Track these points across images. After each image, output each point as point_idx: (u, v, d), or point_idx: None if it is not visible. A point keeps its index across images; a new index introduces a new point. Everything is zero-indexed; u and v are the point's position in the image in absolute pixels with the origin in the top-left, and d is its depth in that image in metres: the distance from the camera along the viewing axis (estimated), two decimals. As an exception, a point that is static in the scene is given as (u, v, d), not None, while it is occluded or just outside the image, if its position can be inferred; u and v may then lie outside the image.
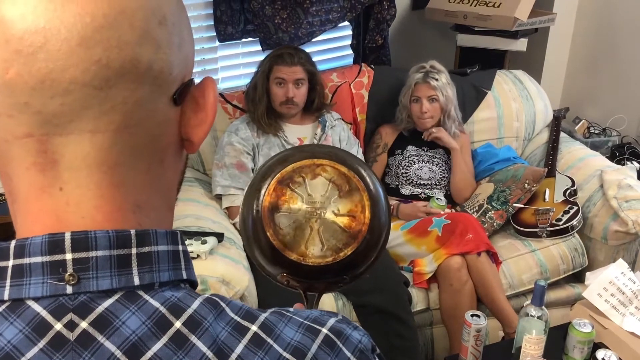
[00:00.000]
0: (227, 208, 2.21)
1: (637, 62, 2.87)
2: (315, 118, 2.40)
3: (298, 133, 2.35)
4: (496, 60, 2.89)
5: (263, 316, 0.47)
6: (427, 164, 2.48)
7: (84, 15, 0.40)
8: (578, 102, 3.17)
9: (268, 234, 0.81)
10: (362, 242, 0.82)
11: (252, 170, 2.26)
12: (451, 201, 2.51)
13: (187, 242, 1.82)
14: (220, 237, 1.90)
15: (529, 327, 1.58)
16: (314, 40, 2.72)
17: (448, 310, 2.12)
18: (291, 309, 0.50)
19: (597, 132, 2.99)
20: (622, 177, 2.29)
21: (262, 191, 0.82)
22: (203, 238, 1.84)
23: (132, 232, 0.44)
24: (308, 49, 2.48)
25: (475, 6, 2.71)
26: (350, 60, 2.93)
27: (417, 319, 2.11)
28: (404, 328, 2.01)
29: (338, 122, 2.44)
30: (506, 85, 2.77)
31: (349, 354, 0.47)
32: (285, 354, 0.45)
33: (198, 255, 1.80)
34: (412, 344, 2.04)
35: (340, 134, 2.41)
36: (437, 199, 2.38)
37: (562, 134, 2.72)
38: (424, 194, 2.46)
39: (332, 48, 2.96)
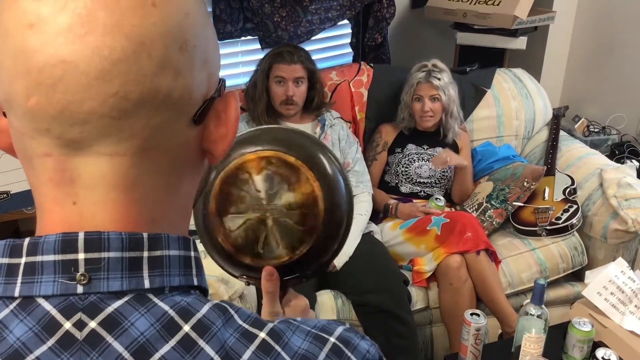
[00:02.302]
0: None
1: (636, 60, 2.86)
2: (314, 117, 2.39)
3: (297, 132, 2.34)
4: (496, 59, 2.89)
5: (271, 324, 0.47)
6: (427, 162, 2.48)
7: (102, 49, 0.40)
8: (577, 100, 3.17)
9: (219, 239, 0.76)
10: (319, 236, 0.75)
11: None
12: (450, 200, 2.51)
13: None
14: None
15: (529, 325, 1.57)
16: (313, 38, 2.71)
17: (447, 309, 2.12)
18: (298, 318, 0.50)
19: (596, 130, 2.99)
20: (621, 176, 2.29)
21: (209, 196, 0.75)
22: (202, 237, 1.84)
23: (145, 235, 0.44)
24: (307, 47, 2.47)
25: (474, 4, 2.71)
26: (349, 59, 2.92)
27: (416, 318, 2.10)
28: (404, 327, 2.01)
29: (337, 120, 2.44)
30: (506, 84, 2.76)
31: None
32: None
33: (197, 254, 1.79)
34: (412, 343, 2.03)
35: (339, 132, 2.40)
36: (437, 199, 2.38)
37: (562, 133, 2.72)
38: (424, 192, 2.46)
39: (331, 46, 2.96)
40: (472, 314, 1.65)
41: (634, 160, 2.73)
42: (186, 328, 0.43)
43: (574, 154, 2.56)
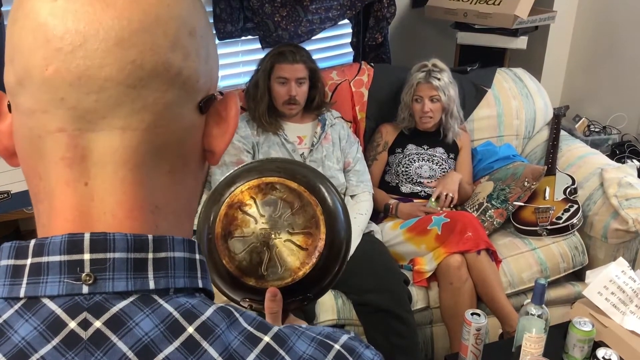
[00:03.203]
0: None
1: (637, 60, 2.86)
2: (315, 116, 2.39)
3: (298, 132, 2.34)
4: (496, 58, 2.89)
5: (276, 328, 0.47)
6: (428, 162, 2.48)
7: (121, 19, 0.43)
8: (578, 100, 3.17)
9: (224, 261, 0.78)
10: (320, 258, 0.79)
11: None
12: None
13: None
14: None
15: (529, 325, 1.57)
16: (313, 38, 2.71)
17: (448, 309, 2.11)
18: (303, 325, 0.50)
19: (597, 130, 2.98)
20: (622, 176, 2.28)
21: (213, 218, 0.78)
22: (202, 236, 1.84)
23: (150, 237, 0.45)
24: (308, 46, 2.47)
25: (475, 4, 2.71)
26: (350, 58, 2.92)
27: (417, 318, 2.10)
28: (404, 327, 2.01)
29: (338, 120, 2.44)
30: (506, 83, 2.76)
31: None
32: None
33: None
34: (412, 343, 2.03)
35: (340, 132, 2.40)
36: (437, 198, 2.38)
37: (562, 132, 2.72)
38: (424, 192, 2.46)
39: (331, 46, 2.96)
40: (472, 314, 1.65)
41: (634, 160, 2.72)
42: (190, 330, 0.43)
43: (575, 154, 2.56)
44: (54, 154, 0.45)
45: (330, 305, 2.04)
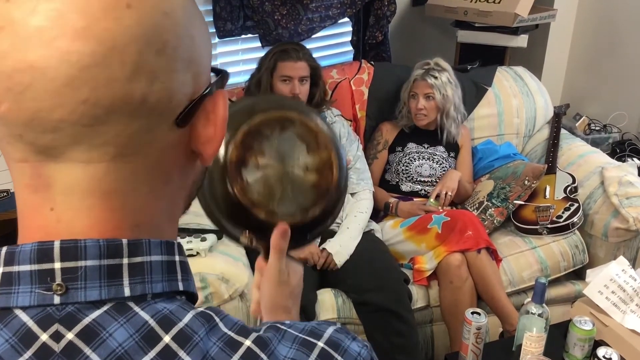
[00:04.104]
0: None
1: (638, 58, 2.86)
2: (315, 115, 2.38)
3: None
4: (496, 57, 2.88)
5: (256, 333, 0.45)
6: (428, 161, 2.47)
7: (70, 54, 0.39)
8: (579, 98, 3.16)
9: (235, 189, 0.74)
10: (330, 200, 0.77)
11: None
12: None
13: (187, 239, 1.81)
14: (219, 234, 1.90)
15: (530, 324, 1.57)
16: (313, 36, 2.71)
17: (448, 308, 2.11)
18: (287, 322, 0.49)
19: (597, 128, 2.98)
20: (622, 174, 2.28)
21: (228, 143, 0.74)
22: (202, 235, 1.83)
23: (124, 241, 0.43)
24: (308, 45, 2.47)
25: (475, 2, 2.70)
26: (350, 57, 2.92)
27: (417, 317, 2.10)
28: (404, 326, 2.00)
29: (338, 118, 2.44)
30: (506, 82, 2.76)
31: None
32: None
33: (197, 253, 1.79)
34: (412, 342, 2.03)
35: (340, 130, 2.40)
36: (437, 197, 2.38)
37: (563, 131, 2.72)
38: (424, 190, 2.45)
39: (332, 44, 2.95)
40: (472, 313, 1.65)
41: (635, 159, 2.72)
42: (166, 339, 0.42)
43: (575, 152, 2.55)
44: (19, 180, 0.44)
45: (330, 304, 2.03)
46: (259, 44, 2.62)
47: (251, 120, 0.75)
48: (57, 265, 0.41)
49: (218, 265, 1.80)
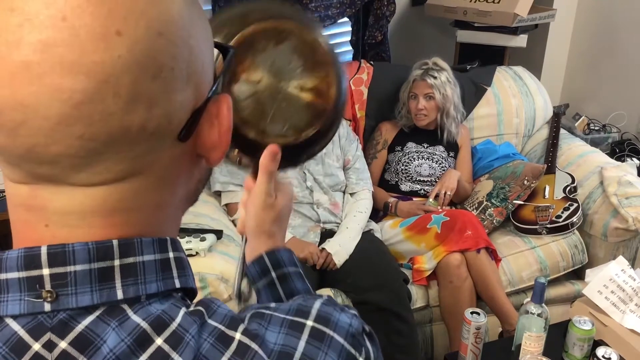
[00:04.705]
0: (226, 205, 2.20)
1: (637, 58, 2.86)
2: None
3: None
4: (496, 57, 2.88)
5: (243, 325, 0.44)
6: (427, 160, 2.47)
7: (61, 92, 0.37)
8: (578, 98, 3.17)
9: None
10: (325, 122, 0.72)
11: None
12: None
13: (186, 239, 1.81)
14: (219, 234, 1.90)
15: (529, 324, 1.57)
16: (313, 36, 2.70)
17: (448, 308, 2.11)
18: (273, 305, 0.47)
19: (597, 128, 2.98)
20: (622, 174, 2.28)
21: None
22: (202, 235, 1.83)
23: (115, 242, 0.42)
24: (307, 45, 2.47)
25: (475, 2, 2.70)
26: (349, 57, 2.92)
27: (416, 316, 2.10)
28: (404, 325, 2.00)
29: (337, 118, 2.43)
30: (506, 82, 2.76)
31: (342, 341, 0.45)
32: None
33: (197, 253, 1.79)
34: (412, 342, 2.03)
35: (339, 130, 2.39)
36: (436, 196, 2.38)
37: (562, 131, 2.72)
38: (424, 190, 2.45)
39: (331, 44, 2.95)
40: (472, 313, 1.65)
41: (634, 159, 2.72)
42: (159, 341, 0.41)
43: (575, 152, 2.55)
44: (14, 199, 0.43)
45: (329, 304, 2.03)
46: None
47: (244, 30, 0.68)
48: (46, 271, 0.40)
49: (217, 265, 1.79)
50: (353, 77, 2.62)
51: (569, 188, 2.36)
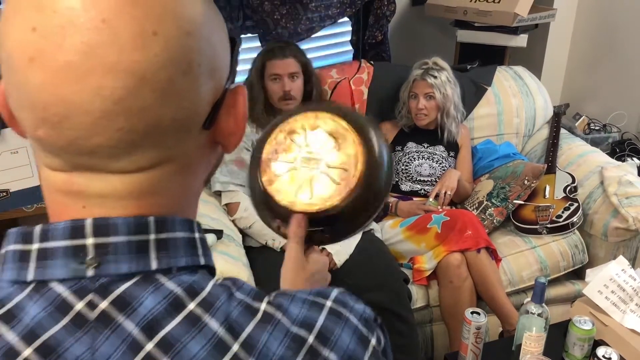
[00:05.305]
0: (226, 204, 2.20)
1: (637, 58, 2.86)
2: (314, 114, 2.38)
3: (297, 129, 2.34)
4: (496, 56, 2.88)
5: (271, 296, 0.49)
6: (428, 160, 2.47)
7: (103, 89, 0.40)
8: (578, 98, 3.16)
9: (263, 179, 0.83)
10: (350, 195, 0.80)
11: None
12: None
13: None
14: (219, 234, 1.90)
15: (529, 324, 1.57)
16: (313, 36, 2.70)
17: (448, 308, 2.11)
18: (292, 290, 0.52)
19: (597, 128, 2.98)
20: (622, 174, 2.28)
21: (264, 140, 0.84)
22: (202, 235, 1.83)
23: (151, 219, 0.46)
24: (307, 45, 2.47)
25: (475, 2, 2.70)
26: (349, 57, 2.92)
27: (416, 316, 2.10)
28: (404, 325, 2.00)
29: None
30: (506, 82, 2.76)
31: (356, 322, 0.49)
32: (293, 327, 0.46)
33: (197, 253, 1.79)
34: (412, 341, 2.03)
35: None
36: (436, 196, 2.38)
37: (562, 131, 2.72)
38: (424, 190, 2.45)
39: (331, 44, 2.95)
40: (472, 313, 1.65)
41: (634, 158, 2.72)
42: (191, 306, 0.44)
43: (575, 152, 2.55)
44: (50, 184, 0.47)
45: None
46: (258, 44, 2.62)
47: (288, 119, 0.83)
48: (90, 241, 0.44)
49: (218, 264, 1.78)
50: (353, 77, 2.62)
51: (569, 188, 2.36)
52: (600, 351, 1.53)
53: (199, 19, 0.44)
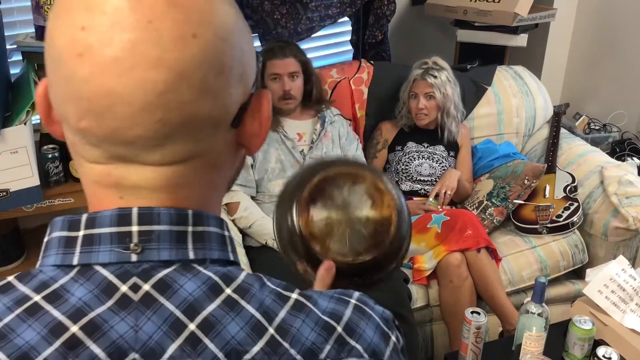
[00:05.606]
0: (226, 204, 2.20)
1: (637, 57, 2.86)
2: (314, 113, 2.39)
3: (297, 128, 2.34)
4: (496, 56, 2.88)
5: (299, 290, 0.52)
6: (428, 160, 2.47)
7: (146, 82, 0.44)
8: (578, 97, 3.16)
9: (300, 221, 0.87)
10: (382, 253, 0.87)
11: (252, 166, 2.25)
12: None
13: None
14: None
15: (529, 324, 1.57)
16: (313, 36, 2.70)
17: (448, 307, 2.11)
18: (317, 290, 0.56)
19: (597, 128, 2.98)
20: (622, 173, 2.28)
21: (306, 186, 0.88)
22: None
23: (190, 212, 0.49)
24: (307, 44, 2.47)
25: (475, 2, 2.70)
26: (349, 56, 2.92)
27: (416, 316, 2.10)
28: (404, 325, 2.00)
29: (337, 117, 2.44)
30: (506, 81, 2.76)
31: (378, 319, 0.53)
32: (323, 317, 0.50)
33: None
34: (412, 341, 2.03)
35: (339, 129, 2.40)
36: (436, 196, 2.38)
37: (563, 130, 2.72)
38: (424, 190, 2.45)
39: (331, 44, 2.95)
40: (472, 312, 1.65)
41: (634, 158, 2.72)
42: (228, 290, 0.48)
43: (575, 152, 2.55)
44: (88, 176, 0.50)
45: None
46: (258, 44, 2.62)
47: (329, 169, 0.90)
48: (135, 228, 0.47)
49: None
50: (353, 77, 2.62)
51: (569, 187, 2.36)
52: (601, 351, 1.53)
53: (232, 28, 0.48)
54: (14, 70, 2.11)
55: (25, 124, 1.72)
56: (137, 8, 0.44)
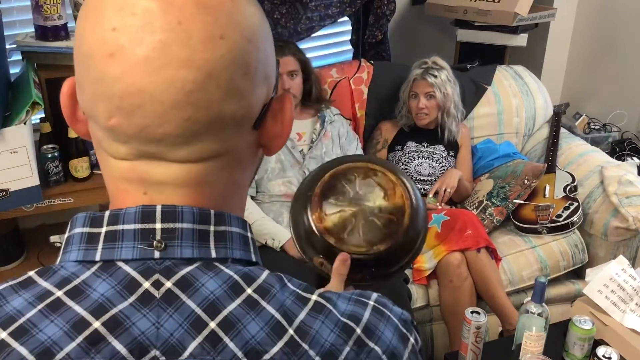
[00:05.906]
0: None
1: (637, 57, 2.86)
2: (314, 113, 2.39)
3: (297, 128, 2.34)
4: (496, 56, 2.88)
5: (319, 291, 0.52)
6: (427, 159, 2.47)
7: (176, 81, 0.45)
8: (578, 97, 3.16)
9: (313, 216, 0.89)
10: (396, 243, 0.88)
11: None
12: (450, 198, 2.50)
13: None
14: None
15: (529, 324, 1.57)
16: (313, 35, 2.70)
17: (448, 307, 2.11)
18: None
19: (597, 127, 2.98)
20: (622, 173, 2.28)
21: (318, 182, 0.91)
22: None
23: (212, 211, 0.50)
24: (307, 44, 2.47)
25: (475, 1, 2.70)
26: (349, 56, 2.92)
27: (416, 316, 2.10)
28: (404, 325, 2.00)
29: (337, 117, 2.44)
30: (506, 81, 2.76)
31: (396, 321, 0.53)
32: (342, 318, 0.50)
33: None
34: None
35: (339, 129, 2.40)
36: (435, 194, 2.37)
37: (562, 130, 2.72)
38: (424, 189, 2.45)
39: (331, 43, 2.95)
40: (472, 312, 1.65)
41: (634, 158, 2.72)
42: (249, 290, 0.48)
43: (575, 152, 2.55)
44: (112, 172, 0.51)
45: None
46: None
47: (340, 165, 0.92)
48: (158, 225, 0.48)
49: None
50: (353, 77, 2.62)
51: (569, 187, 2.36)
52: (600, 351, 1.53)
53: (258, 29, 0.49)
54: (14, 70, 2.10)
55: (25, 123, 1.72)
56: (167, 10, 0.45)
